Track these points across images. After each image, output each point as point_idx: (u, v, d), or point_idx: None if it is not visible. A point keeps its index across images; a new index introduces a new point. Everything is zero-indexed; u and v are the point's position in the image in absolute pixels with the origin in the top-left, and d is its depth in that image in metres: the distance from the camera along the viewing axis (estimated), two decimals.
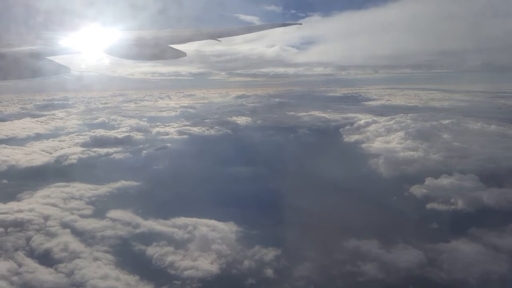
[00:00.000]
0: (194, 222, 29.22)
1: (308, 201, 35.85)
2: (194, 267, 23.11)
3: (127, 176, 41.75)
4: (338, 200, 36.20)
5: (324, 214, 33.21)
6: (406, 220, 33.00)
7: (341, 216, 32.87)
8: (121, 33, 8.71)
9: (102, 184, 39.36)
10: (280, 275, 22.42)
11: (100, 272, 21.96)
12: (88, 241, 26.69)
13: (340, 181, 41.07)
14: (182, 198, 35.54)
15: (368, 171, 46.60)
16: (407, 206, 36.46)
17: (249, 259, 24.04)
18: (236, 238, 27.36)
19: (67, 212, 32.05)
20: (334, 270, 23.04)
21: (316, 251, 25.49)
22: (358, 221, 31.93)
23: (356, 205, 35.39)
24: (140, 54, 7.00)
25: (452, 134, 58.24)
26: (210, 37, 8.97)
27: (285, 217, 31.58)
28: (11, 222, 29.21)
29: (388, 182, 43.36)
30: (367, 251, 25.25)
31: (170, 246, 26.00)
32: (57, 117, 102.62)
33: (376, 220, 32.22)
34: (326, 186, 39.46)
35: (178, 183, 40.41)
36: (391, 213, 34.37)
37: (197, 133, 73.96)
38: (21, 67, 5.39)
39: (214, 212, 31.06)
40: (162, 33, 9.01)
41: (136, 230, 28.47)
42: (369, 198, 37.24)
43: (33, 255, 24.91)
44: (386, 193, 39.45)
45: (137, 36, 8.14)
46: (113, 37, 8.14)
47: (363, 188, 40.70)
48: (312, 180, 42.11)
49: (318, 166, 46.89)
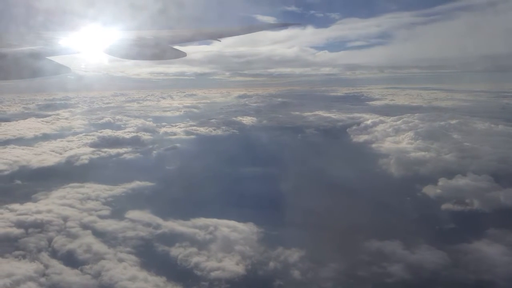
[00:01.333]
0: (215, 223, 29.20)
1: (323, 201, 35.86)
2: (220, 268, 23.09)
3: (140, 176, 41.72)
4: (353, 200, 36.21)
5: (341, 215, 33.20)
6: (423, 221, 33.00)
7: (358, 217, 32.92)
8: (121, 33, 8.70)
9: (116, 184, 39.32)
10: (308, 276, 22.39)
11: (128, 274, 21.92)
12: (110, 242, 26.64)
13: (353, 182, 41.13)
14: (199, 199, 35.48)
15: (380, 172, 46.62)
16: (422, 206, 36.48)
17: (274, 260, 24.02)
18: (257, 239, 27.36)
19: (85, 213, 32.00)
20: (361, 271, 23.07)
21: (339, 252, 25.48)
22: (375, 221, 32.04)
23: (371, 205, 35.50)
24: (140, 54, 7.01)
25: (461, 134, 58.34)
26: (210, 37, 9.12)
27: (303, 218, 31.61)
28: (31, 223, 29.17)
29: (400, 183, 43.39)
30: (391, 252, 25.25)
31: (193, 247, 25.97)
32: (62, 117, 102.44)
33: (393, 221, 32.35)
34: (340, 187, 39.47)
35: (193, 184, 40.43)
36: (407, 214, 34.37)
37: (204, 133, 73.93)
38: (21, 67, 5.39)
39: (232, 213, 31.06)
40: (162, 33, 9.00)
41: (157, 231, 28.43)
42: (383, 198, 37.34)
43: (56, 256, 24.87)
44: (399, 194, 39.53)
45: (137, 36, 8.11)
46: (113, 37, 8.13)
47: (376, 188, 40.80)
48: (325, 180, 42.17)
49: (330, 167, 46.90)
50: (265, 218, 30.52)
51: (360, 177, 43.66)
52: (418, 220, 33.14)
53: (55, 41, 7.21)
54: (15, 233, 27.64)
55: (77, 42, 7.52)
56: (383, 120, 76.07)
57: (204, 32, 9.84)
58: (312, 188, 39.80)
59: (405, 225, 31.31)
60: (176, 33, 9.12)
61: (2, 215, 30.47)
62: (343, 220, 31.84)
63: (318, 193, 38.20)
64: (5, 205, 32.95)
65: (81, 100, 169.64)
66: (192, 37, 8.75)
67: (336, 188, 39.33)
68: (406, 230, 30.01)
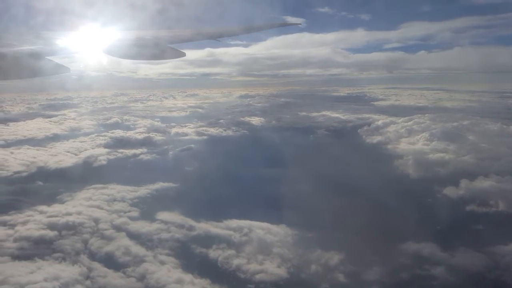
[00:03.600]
0: (248, 225, 29.14)
1: (349, 202, 35.96)
2: (262, 270, 23.05)
3: (161, 177, 41.57)
4: (377, 201, 36.28)
5: (369, 216, 33.25)
6: (452, 222, 32.91)
7: (386, 218, 33.03)
8: (120, 33, 8.71)
9: (139, 185, 39.18)
10: (352, 279, 22.37)
11: (174, 276, 21.85)
12: (147, 244, 26.54)
13: (374, 183, 41.26)
14: (225, 200, 35.45)
15: (399, 173, 46.63)
16: (446, 208, 36.44)
17: (315, 263, 23.97)
18: (293, 241, 27.30)
19: (114, 214, 31.88)
20: (404, 273, 23.07)
21: (378, 254, 25.51)
22: (404, 223, 32.05)
23: (396, 206, 35.51)
24: (139, 54, 7.02)
25: (476, 136, 58.41)
26: (210, 37, 9.13)
27: (333, 220, 31.55)
28: (64, 225, 29.04)
29: (422, 184, 43.35)
30: (430, 255, 25.30)
31: (231, 249, 25.92)
32: (69, 117, 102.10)
33: (421, 222, 32.34)
34: (362, 188, 39.59)
35: (216, 185, 40.32)
36: (433, 215, 34.39)
37: (215, 134, 73.77)
38: (21, 67, 5.41)
39: (262, 214, 31.07)
40: (162, 33, 9.01)
41: (192, 233, 28.35)
42: (406, 199, 37.34)
43: (95, 258, 24.76)
44: (422, 195, 39.52)
45: (136, 36, 8.13)
46: (112, 37, 8.13)
47: (397, 189, 40.78)
48: (346, 181, 42.13)
49: (349, 168, 47.05)
50: (296, 220, 30.50)
51: (381, 179, 43.74)
52: (446, 222, 33.04)
53: (54, 41, 7.21)
54: (49, 235, 27.50)
55: (77, 42, 7.56)
56: (394, 121, 76.12)
57: (203, 32, 9.84)
58: (335, 189, 39.76)
59: (434, 227, 31.31)
60: (175, 33, 9.11)
61: (33, 217, 30.29)
62: (372, 222, 31.94)
63: (342, 195, 38.23)
64: (33, 207, 32.81)
65: (84, 100, 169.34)
66: (192, 37, 8.74)
67: (358, 189, 39.39)
68: (437, 232, 30.03)
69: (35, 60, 5.56)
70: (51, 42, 7.13)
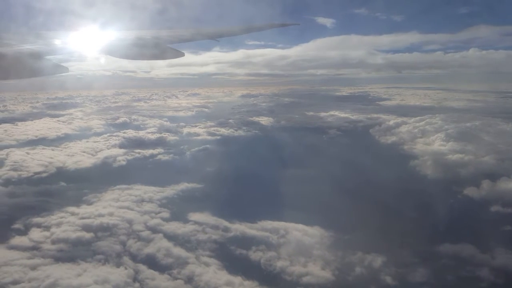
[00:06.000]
0: (283, 226, 29.13)
1: (375, 203, 36.05)
2: (308, 273, 23.01)
3: (185, 178, 41.48)
4: (403, 202, 36.43)
5: (398, 217, 33.41)
6: (481, 223, 33.05)
7: (415, 219, 33.15)
8: (120, 33, 8.73)
9: (164, 186, 39.08)
10: (400, 281, 22.37)
11: (223, 279, 21.79)
12: (186, 246, 26.45)
13: (397, 184, 41.35)
14: (253, 201, 35.42)
15: (420, 174, 46.66)
16: (471, 209, 36.69)
17: (359, 266, 23.96)
18: (330, 243, 27.27)
19: (146, 215, 31.77)
20: (450, 275, 23.10)
21: (417, 256, 25.56)
22: (432, 223, 32.17)
23: (422, 207, 35.60)
24: (139, 54, 7.09)
25: (491, 136, 58.55)
26: (209, 37, 9.17)
27: (363, 221, 31.52)
28: (98, 227, 28.94)
29: (443, 185, 43.23)
30: (470, 256, 25.33)
31: (271, 251, 25.88)
32: (76, 116, 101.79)
33: (450, 223, 32.34)
34: (386, 189, 39.57)
35: (241, 185, 40.26)
36: (461, 216, 34.46)
37: (227, 134, 73.64)
38: (21, 67, 5.43)
39: (293, 215, 31.09)
40: (161, 33, 9.04)
41: (228, 234, 28.28)
42: (430, 200, 37.38)
43: (137, 260, 24.66)
44: (445, 196, 39.50)
45: (136, 36, 8.16)
46: (112, 37, 8.15)
47: (420, 190, 40.93)
48: (370, 182, 42.06)
49: (370, 169, 46.92)
50: (327, 221, 30.45)
51: (403, 180, 43.78)
52: (475, 223, 33.20)
53: (54, 41, 7.24)
54: (86, 237, 27.41)
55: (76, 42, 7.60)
56: (405, 121, 76.22)
57: (203, 32, 9.88)
58: (358, 190, 39.83)
59: (465, 228, 31.34)
60: (175, 33, 9.15)
61: (65, 219, 30.18)
62: (402, 223, 32.06)
63: (366, 195, 38.36)
64: (62, 208, 32.73)
65: (86, 100, 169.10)
66: (191, 37, 8.77)
67: (382, 190, 39.35)
68: (469, 233, 30.06)
69: (34, 60, 5.56)
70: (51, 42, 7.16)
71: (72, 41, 7.63)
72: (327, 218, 31.14)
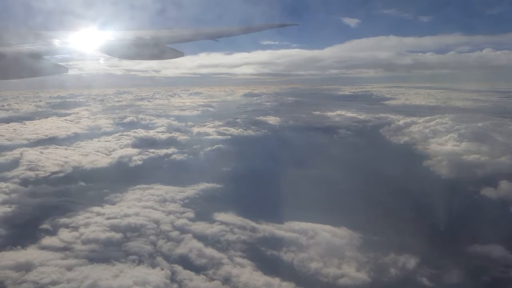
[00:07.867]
0: (311, 227, 29.15)
1: (397, 204, 36.17)
2: (344, 275, 23.05)
3: (203, 178, 41.42)
4: (425, 203, 36.44)
5: (422, 218, 33.42)
6: (504, 224, 33.14)
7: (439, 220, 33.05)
8: (120, 33, 8.78)
9: (184, 186, 39.06)
10: (436, 283, 22.42)
11: (261, 280, 21.80)
12: (217, 246, 26.46)
13: (416, 184, 41.48)
14: (276, 201, 35.16)
15: (437, 175, 46.69)
16: (493, 210, 36.74)
17: (393, 267, 24.00)
18: (361, 244, 27.28)
19: (172, 215, 31.77)
20: (485, 276, 23.16)
21: (449, 257, 25.59)
22: (456, 224, 32.20)
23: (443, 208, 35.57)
24: (139, 54, 7.14)
25: (505, 136, 58.61)
26: (209, 37, 9.21)
27: (389, 222, 31.50)
28: (126, 227, 28.93)
29: (462, 186, 43.21)
30: (501, 257, 25.40)
31: (302, 252, 25.89)
32: (83, 116, 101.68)
33: (474, 223, 32.39)
34: (406, 189, 39.72)
35: (260, 185, 40.35)
36: (483, 217, 34.55)
37: (237, 134, 73.48)
38: (21, 67, 5.45)
39: (319, 216, 31.00)
40: (161, 33, 9.08)
41: (257, 235, 28.29)
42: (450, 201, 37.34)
43: (170, 261, 24.65)
44: (464, 197, 39.60)
45: (135, 36, 8.17)
46: (112, 37, 8.18)
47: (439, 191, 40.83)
48: (389, 183, 42.07)
49: (387, 169, 46.87)
50: (354, 222, 30.43)
51: (421, 180, 43.88)
52: (498, 223, 33.22)
53: (54, 41, 7.25)
54: (116, 237, 27.39)
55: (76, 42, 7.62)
56: (414, 121, 76.35)
57: (202, 32, 9.94)
58: (379, 190, 39.90)
59: (490, 229, 31.29)
60: (175, 33, 9.22)
61: (92, 219, 30.15)
62: (427, 223, 32.08)
63: (387, 196, 38.43)
64: (87, 208, 32.70)
65: (89, 98, 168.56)
66: (191, 37, 8.81)
67: (403, 191, 39.50)
68: (495, 233, 30.07)
69: (34, 60, 5.57)
70: (51, 42, 7.16)
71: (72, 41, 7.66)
72: (353, 219, 31.08)
